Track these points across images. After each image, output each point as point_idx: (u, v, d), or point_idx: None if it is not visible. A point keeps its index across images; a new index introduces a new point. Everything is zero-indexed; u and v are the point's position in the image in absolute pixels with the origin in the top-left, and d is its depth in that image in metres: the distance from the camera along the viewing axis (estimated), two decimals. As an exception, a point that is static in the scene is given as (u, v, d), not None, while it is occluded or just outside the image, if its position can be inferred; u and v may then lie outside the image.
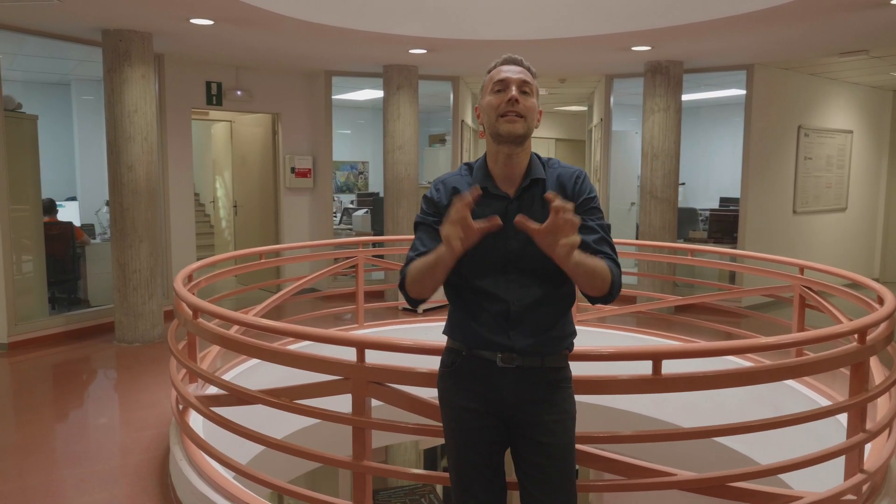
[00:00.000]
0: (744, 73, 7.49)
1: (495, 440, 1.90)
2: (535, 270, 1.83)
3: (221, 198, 9.90)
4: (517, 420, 1.86)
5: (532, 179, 1.85)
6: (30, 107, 6.40)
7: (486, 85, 1.87)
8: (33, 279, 6.01)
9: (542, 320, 1.84)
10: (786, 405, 4.25)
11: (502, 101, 1.79)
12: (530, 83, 1.83)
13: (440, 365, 1.99)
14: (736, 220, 7.78)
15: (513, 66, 1.84)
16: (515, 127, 1.78)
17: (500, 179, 1.86)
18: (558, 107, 11.72)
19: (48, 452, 3.69)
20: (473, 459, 1.91)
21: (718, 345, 2.19)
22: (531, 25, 5.91)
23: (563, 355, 1.92)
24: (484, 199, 1.83)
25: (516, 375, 1.84)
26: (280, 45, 6.35)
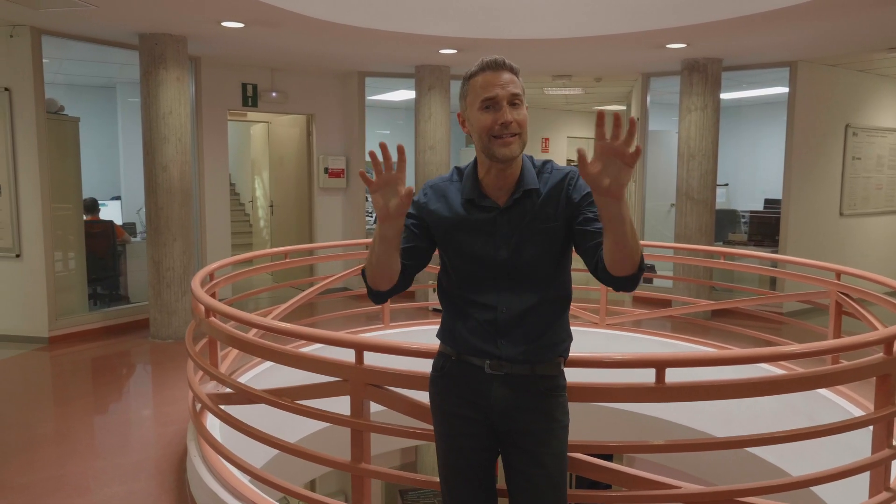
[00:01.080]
0: (787, 71, 7.23)
1: (484, 447, 1.86)
2: (526, 278, 1.79)
3: (260, 197, 10.09)
4: (506, 428, 1.83)
5: (525, 190, 1.77)
6: (76, 109, 6.65)
7: (468, 93, 1.75)
8: (74, 276, 6.23)
9: (532, 328, 1.79)
10: (821, 416, 4.08)
11: (495, 122, 1.69)
12: (519, 92, 1.71)
13: (431, 369, 1.97)
14: (778, 222, 7.51)
15: (498, 74, 1.71)
16: (512, 149, 1.70)
17: (491, 189, 1.80)
18: (596, 106, 11.54)
19: (75, 444, 3.82)
20: (461, 466, 1.89)
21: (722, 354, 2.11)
22: (563, 23, 5.83)
23: (556, 363, 1.87)
24: (472, 210, 1.79)
25: (505, 382, 1.81)
26: (312, 47, 6.42)
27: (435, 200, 1.84)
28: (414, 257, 1.84)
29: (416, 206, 1.86)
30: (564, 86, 8.46)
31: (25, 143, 5.69)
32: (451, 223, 1.81)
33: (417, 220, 1.84)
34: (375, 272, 1.75)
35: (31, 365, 5.35)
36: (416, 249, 1.84)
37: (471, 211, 1.79)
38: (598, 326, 5.55)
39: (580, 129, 12.27)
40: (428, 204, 1.84)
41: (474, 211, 1.79)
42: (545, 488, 1.80)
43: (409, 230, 1.81)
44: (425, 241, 1.86)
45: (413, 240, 1.83)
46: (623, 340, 5.44)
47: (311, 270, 7.79)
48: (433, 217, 1.83)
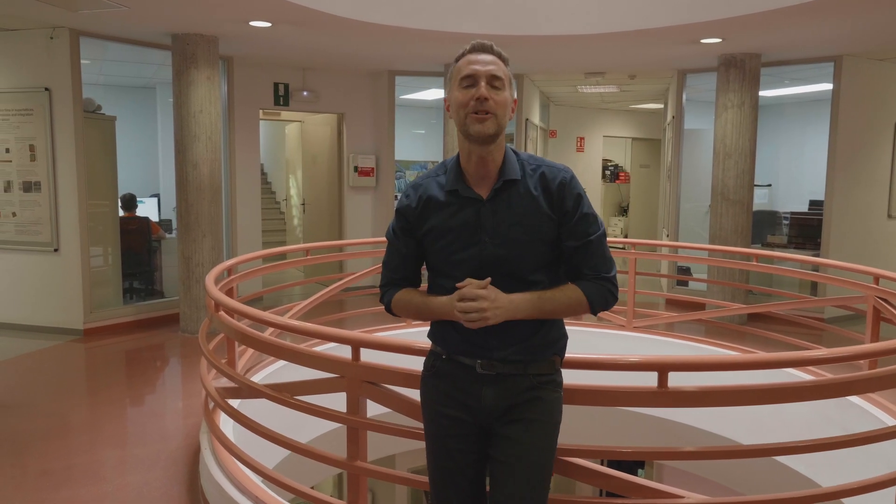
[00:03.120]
0: (831, 66, 6.94)
1: (472, 450, 1.83)
2: (513, 275, 1.74)
3: (294, 196, 10.22)
4: (496, 424, 1.78)
5: (505, 181, 1.75)
6: (117, 110, 6.84)
7: (453, 76, 1.75)
8: (110, 270, 6.41)
9: (523, 327, 1.75)
10: (855, 425, 3.89)
11: (471, 98, 1.68)
12: (501, 76, 1.70)
13: (422, 368, 1.95)
14: (820, 224, 7.22)
15: (482, 55, 1.71)
16: (486, 127, 1.68)
17: (474, 179, 1.77)
18: (633, 105, 11.32)
19: (99, 433, 3.92)
20: (449, 467, 1.85)
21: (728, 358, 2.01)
22: (593, 19, 5.72)
23: (551, 361, 1.82)
24: (456, 200, 1.77)
25: (496, 382, 1.77)
26: (341, 46, 6.46)
27: (417, 200, 1.81)
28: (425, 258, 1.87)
29: (402, 217, 1.84)
30: (598, 83, 8.32)
31: (64, 141, 5.88)
32: (436, 219, 1.79)
33: (408, 228, 1.84)
34: (418, 319, 1.89)
35: (65, 356, 5.52)
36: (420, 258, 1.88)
37: (454, 203, 1.77)
38: (624, 329, 5.43)
39: (616, 127, 12.05)
40: (411, 204, 1.82)
41: (458, 202, 1.77)
42: (525, 484, 1.75)
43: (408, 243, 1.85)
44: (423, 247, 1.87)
45: (416, 250, 1.85)
46: (649, 344, 5.31)
47: (341, 267, 7.85)
48: (417, 217, 1.81)
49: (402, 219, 1.84)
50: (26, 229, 6.08)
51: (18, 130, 6.01)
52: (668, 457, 2.16)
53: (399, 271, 1.88)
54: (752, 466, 4.37)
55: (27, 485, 3.26)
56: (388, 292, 1.90)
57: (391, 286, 1.90)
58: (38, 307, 6.07)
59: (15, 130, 6.02)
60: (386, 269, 1.91)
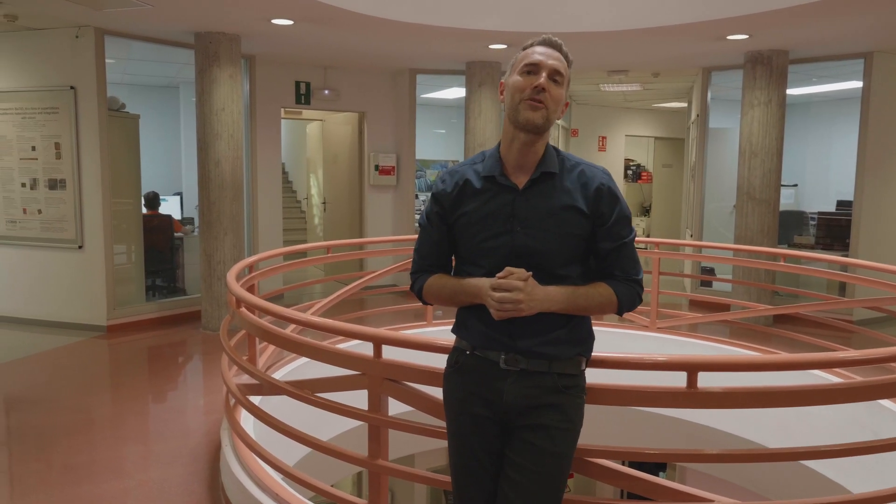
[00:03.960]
0: (861, 63, 6.78)
1: (495, 449, 1.79)
2: (543, 267, 1.72)
3: (315, 194, 10.25)
4: (518, 424, 1.75)
5: (543, 172, 1.75)
6: (141, 108, 6.89)
7: (516, 62, 1.76)
8: (133, 268, 6.46)
9: (549, 319, 1.72)
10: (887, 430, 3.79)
11: (529, 84, 1.70)
12: (563, 73, 1.73)
13: (446, 364, 1.92)
14: (849, 224, 7.07)
15: (550, 50, 1.73)
16: (535, 116, 1.69)
17: (512, 168, 1.78)
18: (656, 103, 11.18)
19: (121, 429, 3.94)
20: (472, 466, 1.82)
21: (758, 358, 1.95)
22: (615, 15, 5.65)
23: (576, 361, 1.79)
24: (492, 187, 1.77)
25: (520, 379, 1.74)
26: (363, 44, 6.45)
27: (452, 186, 1.82)
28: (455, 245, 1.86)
29: (437, 201, 1.85)
30: (620, 81, 8.22)
31: (88, 139, 5.94)
32: (469, 205, 1.79)
33: (441, 212, 1.84)
34: (449, 305, 1.86)
35: (88, 352, 5.57)
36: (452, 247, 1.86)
37: (489, 190, 1.77)
38: (648, 330, 5.35)
39: (639, 127, 11.92)
40: (446, 189, 1.82)
41: (493, 190, 1.77)
42: (540, 490, 1.72)
43: (440, 228, 1.84)
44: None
45: (448, 236, 1.85)
46: (673, 345, 5.22)
47: (361, 265, 7.84)
48: (451, 202, 1.81)
49: (437, 203, 1.84)
50: (51, 226, 6.15)
51: (44, 128, 6.08)
52: (694, 459, 2.10)
53: (430, 258, 1.88)
54: (778, 471, 4.28)
55: (51, 479, 3.28)
56: (419, 279, 1.90)
57: (422, 272, 1.89)
58: (63, 304, 6.14)
59: (41, 128, 6.09)
60: (417, 256, 1.91)
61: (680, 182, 11.24)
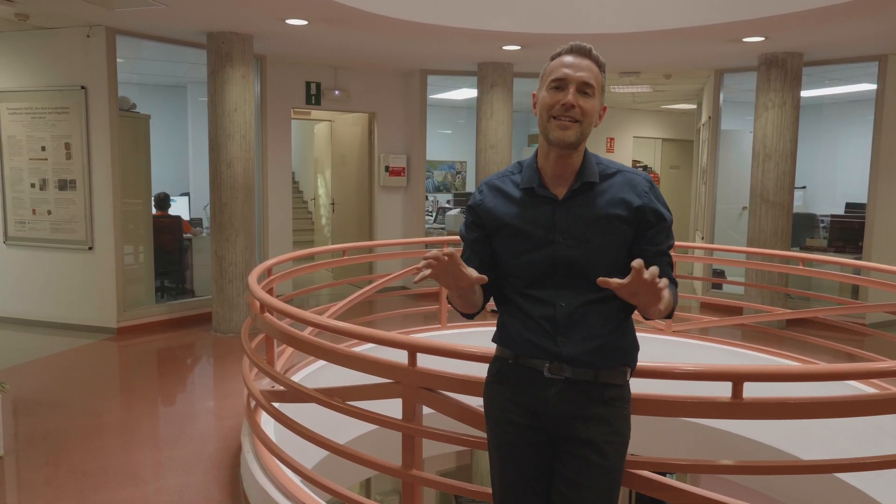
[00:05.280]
0: (875, 65, 6.75)
1: (541, 459, 1.74)
2: (585, 274, 1.68)
3: (322, 195, 10.20)
4: (564, 436, 1.70)
5: (584, 182, 1.70)
6: (149, 108, 6.84)
7: (545, 74, 1.70)
8: (142, 269, 6.41)
9: (594, 326, 1.68)
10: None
11: (557, 102, 1.63)
12: (593, 83, 1.65)
13: (487, 374, 1.88)
14: (862, 227, 7.03)
15: (578, 59, 1.65)
16: (567, 134, 1.63)
17: (550, 178, 1.72)
18: (665, 105, 11.14)
19: (135, 434, 3.88)
20: (519, 479, 1.77)
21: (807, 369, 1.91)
22: (630, 17, 5.60)
23: (622, 371, 1.74)
24: (531, 199, 1.73)
25: (565, 388, 1.69)
26: (375, 45, 6.41)
27: (491, 197, 1.78)
28: (494, 267, 1.80)
29: (474, 209, 1.81)
30: (632, 83, 8.18)
31: (99, 139, 5.88)
32: (509, 217, 1.75)
33: (479, 223, 1.79)
34: (464, 308, 1.79)
35: (99, 354, 5.52)
36: (492, 258, 1.80)
37: (528, 202, 1.72)
38: (663, 333, 5.30)
39: (647, 128, 11.88)
40: (484, 201, 1.78)
41: (532, 202, 1.72)
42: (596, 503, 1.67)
43: (478, 240, 1.79)
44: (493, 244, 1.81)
45: (486, 249, 1.79)
46: (690, 349, 5.17)
47: (371, 268, 7.80)
48: (490, 215, 1.77)
49: (474, 215, 1.80)
50: (61, 227, 6.10)
51: (54, 128, 6.03)
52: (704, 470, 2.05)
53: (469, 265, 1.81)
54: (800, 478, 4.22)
55: (67, 486, 3.23)
56: None
57: None
58: (73, 305, 6.09)
59: (51, 128, 6.04)
60: None
61: (687, 184, 11.20)
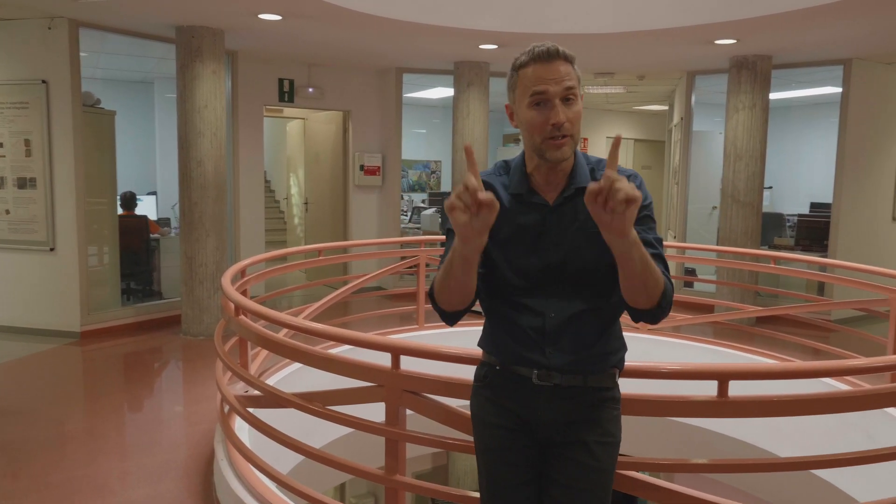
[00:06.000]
0: (840, 69, 6.90)
1: (531, 464, 1.70)
2: (576, 282, 1.63)
3: (295, 195, 10.06)
4: (555, 441, 1.66)
5: (576, 188, 1.62)
6: (113, 104, 6.64)
7: (517, 85, 1.58)
8: (107, 271, 6.21)
9: (583, 336, 1.63)
10: (881, 432, 3.81)
11: (545, 121, 1.53)
12: (573, 86, 1.54)
13: (473, 379, 1.82)
14: (827, 226, 7.18)
15: (551, 65, 1.53)
16: (563, 152, 1.55)
17: (540, 184, 1.65)
18: (637, 106, 11.25)
19: (103, 442, 3.75)
20: (506, 483, 1.72)
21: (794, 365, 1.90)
22: (607, 18, 5.62)
23: (611, 374, 1.71)
24: (519, 206, 1.65)
25: (554, 394, 1.65)
26: (350, 42, 6.32)
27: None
28: (485, 264, 1.68)
29: None
30: (605, 83, 8.23)
31: (61, 136, 5.69)
32: (498, 224, 1.64)
33: None
34: (453, 296, 1.59)
35: (62, 360, 5.33)
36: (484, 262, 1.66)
37: (518, 208, 1.65)
38: (638, 332, 5.32)
39: (620, 129, 11.99)
40: None
41: (522, 208, 1.65)
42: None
43: None
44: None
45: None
46: (664, 347, 5.21)
47: (345, 269, 7.70)
48: None
49: None
50: (20, 228, 5.88)
51: (13, 124, 5.81)
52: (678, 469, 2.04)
53: None
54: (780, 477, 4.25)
55: (28, 499, 3.07)
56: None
57: None
58: (34, 309, 5.87)
59: (9, 124, 5.82)
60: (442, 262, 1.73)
61: (659, 184, 11.32)
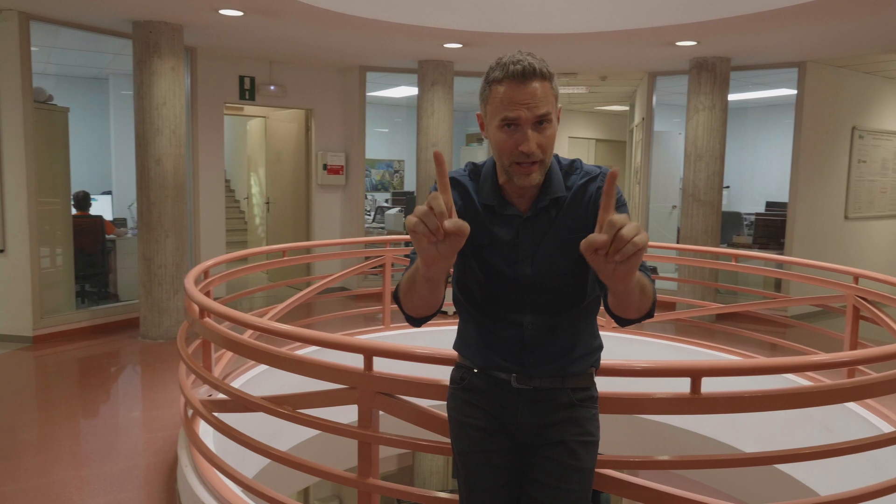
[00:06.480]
0: (794, 72, 7.09)
1: (511, 465, 1.69)
2: (553, 292, 1.60)
3: (256, 194, 9.88)
4: (534, 442, 1.65)
5: (550, 199, 1.57)
6: (66, 101, 6.41)
7: (489, 101, 1.50)
8: (61, 273, 6.00)
9: (562, 343, 1.62)
10: (838, 424, 3.92)
11: (515, 146, 1.46)
12: (548, 111, 1.45)
13: (450, 381, 1.80)
14: (783, 225, 7.39)
15: (525, 87, 1.43)
16: (532, 178, 1.49)
17: (513, 195, 1.58)
18: (599, 106, 11.39)
19: (59, 450, 3.60)
20: (486, 485, 1.70)
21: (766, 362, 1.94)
22: (571, 18, 5.66)
23: (588, 374, 1.70)
24: (491, 216, 1.60)
25: (533, 396, 1.63)
26: (313, 39, 6.23)
27: (457, 197, 1.60)
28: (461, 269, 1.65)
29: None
30: (569, 83, 8.30)
31: (11, 133, 5.46)
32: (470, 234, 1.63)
33: None
34: (418, 307, 1.51)
35: (13, 366, 5.12)
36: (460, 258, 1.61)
37: (490, 218, 1.59)
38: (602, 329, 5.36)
39: (581, 129, 12.12)
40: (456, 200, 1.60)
41: (494, 218, 1.59)
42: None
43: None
44: None
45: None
46: (628, 344, 5.28)
47: (308, 269, 7.60)
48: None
49: None
50: (-32, 228, 5.63)
51: (-40, 121, 5.56)
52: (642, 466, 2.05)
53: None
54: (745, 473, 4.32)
55: (-16, 510, 2.96)
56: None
57: None
58: (-17, 312, 5.63)
59: (-44, 121, 5.57)
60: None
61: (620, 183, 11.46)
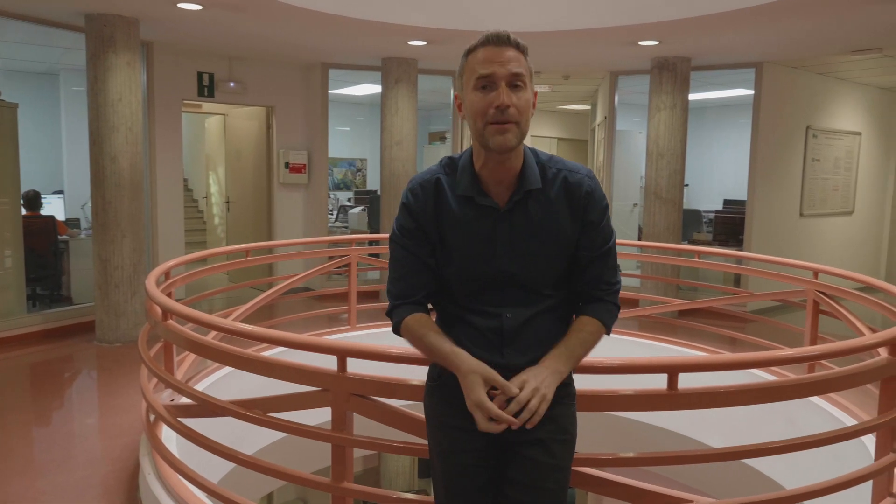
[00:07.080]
0: (751, 72, 7.26)
1: (489, 465, 1.66)
2: (532, 284, 1.61)
3: (215, 193, 9.66)
4: (511, 440, 1.63)
5: (526, 191, 1.58)
6: (15, 96, 6.14)
7: (465, 70, 1.55)
8: (11, 275, 5.75)
9: (541, 334, 1.62)
10: (801, 418, 4.01)
11: (490, 104, 1.48)
12: (523, 72, 1.50)
13: (427, 379, 1.77)
14: (742, 222, 7.56)
15: (500, 49, 1.50)
16: (507, 139, 1.49)
17: (490, 184, 1.59)
18: (561, 105, 11.48)
19: (12, 461, 3.44)
20: (464, 485, 1.67)
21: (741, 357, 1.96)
22: (535, 17, 5.67)
23: (567, 371, 1.69)
24: (468, 209, 1.59)
25: None
26: (274, 34, 6.11)
27: (428, 199, 1.61)
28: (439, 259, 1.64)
29: (411, 214, 1.62)
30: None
31: (-44, 130, 5.22)
32: (447, 225, 1.61)
33: (420, 230, 1.62)
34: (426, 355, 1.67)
35: (-39, 372, 4.89)
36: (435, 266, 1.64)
37: (468, 212, 1.59)
38: (570, 327, 5.40)
39: (543, 128, 12.20)
40: (421, 205, 1.61)
41: (471, 212, 1.59)
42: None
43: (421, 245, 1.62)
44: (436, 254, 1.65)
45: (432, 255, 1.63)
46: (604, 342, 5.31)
47: (271, 270, 7.46)
48: (428, 218, 1.62)
49: (413, 219, 1.63)
50: None
51: None
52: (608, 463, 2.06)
53: (409, 279, 1.65)
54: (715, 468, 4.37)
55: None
56: (399, 311, 1.65)
57: (403, 302, 1.65)
58: (-74, 318, 5.36)
59: None
60: (394, 277, 1.67)
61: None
